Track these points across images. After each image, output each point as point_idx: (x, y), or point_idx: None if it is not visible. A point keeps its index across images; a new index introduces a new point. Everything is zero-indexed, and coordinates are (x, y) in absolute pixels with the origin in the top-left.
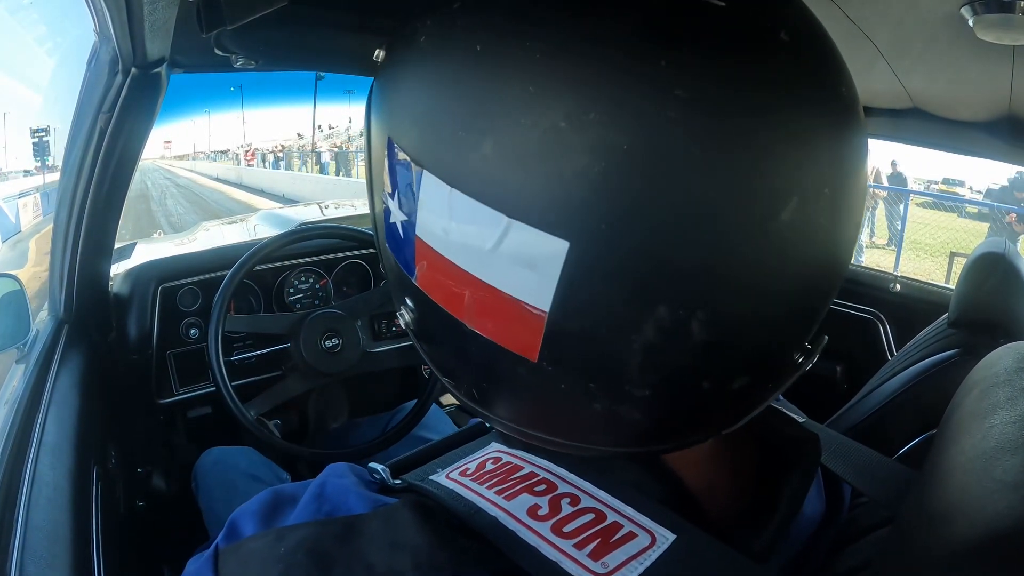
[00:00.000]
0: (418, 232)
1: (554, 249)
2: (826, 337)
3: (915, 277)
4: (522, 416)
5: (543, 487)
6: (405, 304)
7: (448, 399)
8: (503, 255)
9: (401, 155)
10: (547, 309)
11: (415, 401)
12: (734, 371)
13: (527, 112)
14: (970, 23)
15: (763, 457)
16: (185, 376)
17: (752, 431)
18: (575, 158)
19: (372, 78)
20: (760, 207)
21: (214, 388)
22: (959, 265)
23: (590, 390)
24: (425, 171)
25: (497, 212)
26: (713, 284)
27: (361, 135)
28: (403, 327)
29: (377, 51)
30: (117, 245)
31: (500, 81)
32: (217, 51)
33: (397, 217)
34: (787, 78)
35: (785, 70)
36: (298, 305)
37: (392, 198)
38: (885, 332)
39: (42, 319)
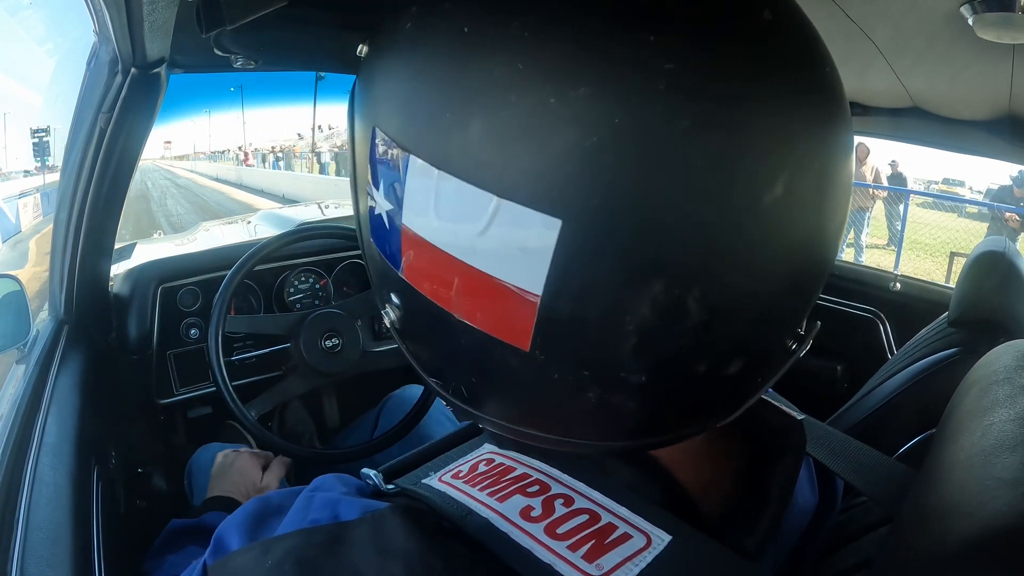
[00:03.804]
0: (404, 221)
1: (546, 228)
2: (818, 323)
3: (915, 276)
4: (513, 413)
5: (536, 488)
6: (390, 301)
7: None
8: (493, 238)
9: (385, 143)
10: (540, 293)
11: (404, 389)
12: (730, 354)
13: (515, 89)
14: (970, 22)
15: (749, 448)
16: (185, 376)
17: (739, 422)
18: (565, 133)
19: None
20: (748, 184)
21: (214, 388)
22: (959, 265)
23: (583, 378)
24: (412, 156)
25: (487, 192)
26: (708, 260)
27: None
28: (388, 326)
29: (360, 46)
30: (117, 245)
31: (487, 60)
32: (217, 51)
33: (383, 208)
34: (772, 56)
35: (769, 49)
36: (298, 305)
37: (377, 189)
38: (885, 331)
39: (42, 319)
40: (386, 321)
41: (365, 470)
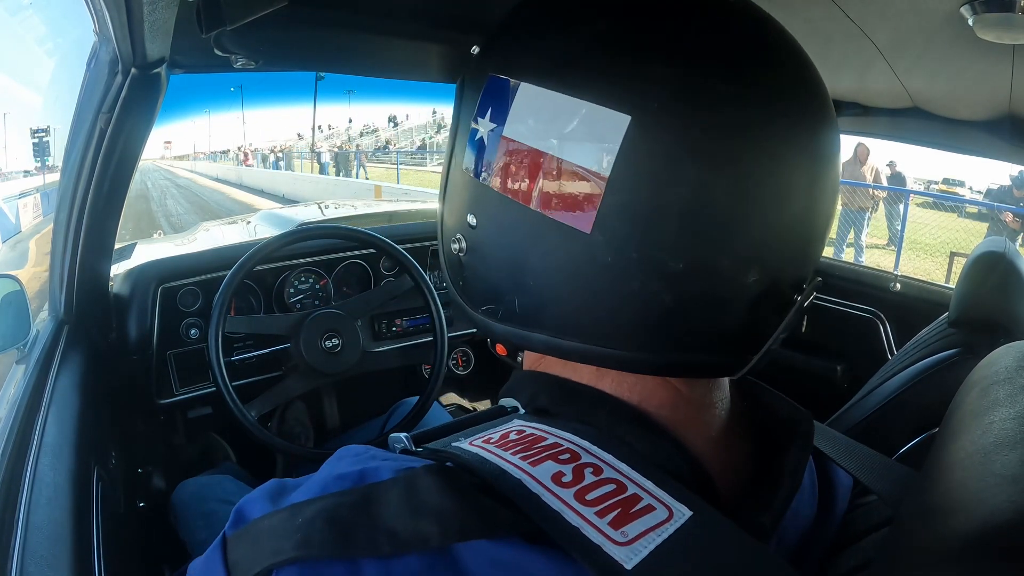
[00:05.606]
0: (505, 132)
1: (618, 122)
2: (819, 280)
3: (915, 276)
4: (559, 321)
5: (567, 456)
6: (463, 229)
7: (448, 399)
8: (576, 132)
9: (498, 81)
10: (607, 174)
11: (414, 398)
12: (747, 262)
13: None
14: (970, 22)
15: (762, 437)
16: (185, 376)
17: (751, 412)
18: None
19: (372, 78)
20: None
21: (214, 388)
22: (959, 265)
23: (631, 261)
24: (522, 83)
25: (577, 99)
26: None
27: (361, 135)
28: (449, 260)
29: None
30: (117, 245)
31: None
32: (217, 51)
33: (485, 128)
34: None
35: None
36: (298, 305)
37: (483, 116)
38: (885, 332)
39: (42, 319)
40: (453, 249)
41: (394, 435)
